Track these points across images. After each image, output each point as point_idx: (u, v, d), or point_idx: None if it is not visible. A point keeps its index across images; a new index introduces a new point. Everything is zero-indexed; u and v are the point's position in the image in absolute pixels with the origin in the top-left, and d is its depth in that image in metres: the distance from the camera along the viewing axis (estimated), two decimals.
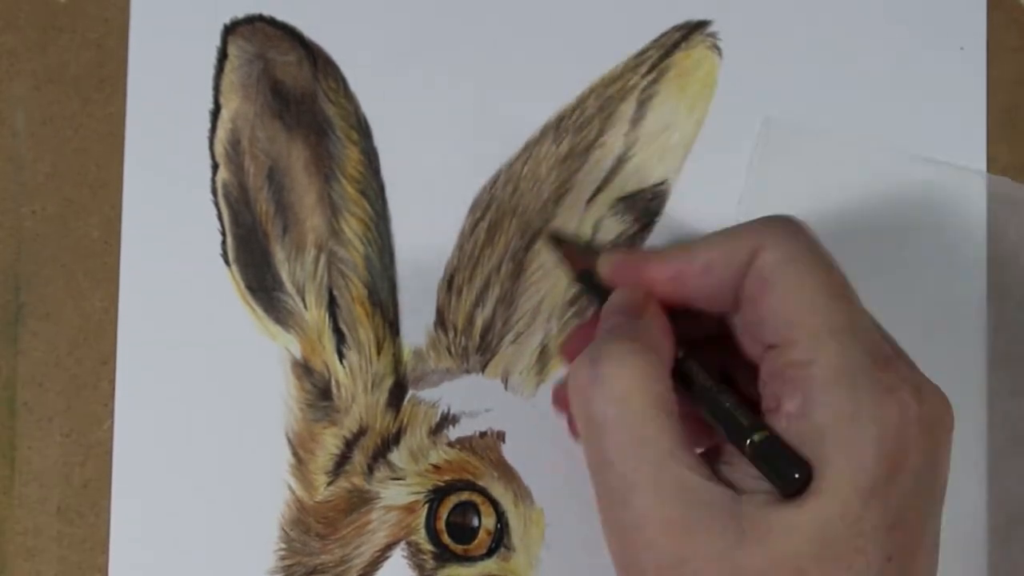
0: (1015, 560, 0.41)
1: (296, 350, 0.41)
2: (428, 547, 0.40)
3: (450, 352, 0.41)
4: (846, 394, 0.29)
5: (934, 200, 0.42)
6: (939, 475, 0.31)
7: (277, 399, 0.41)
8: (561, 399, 0.38)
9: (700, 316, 0.34)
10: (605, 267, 0.35)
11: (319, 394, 0.41)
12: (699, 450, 0.32)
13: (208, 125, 0.41)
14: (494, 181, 0.41)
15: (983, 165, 0.43)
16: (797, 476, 0.29)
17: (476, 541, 0.40)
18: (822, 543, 0.29)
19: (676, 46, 0.42)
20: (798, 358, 0.30)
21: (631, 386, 0.30)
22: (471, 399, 0.41)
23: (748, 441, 0.30)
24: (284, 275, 0.41)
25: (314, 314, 0.41)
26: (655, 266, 0.34)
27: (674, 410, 0.31)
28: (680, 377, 0.32)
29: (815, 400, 0.30)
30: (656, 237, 0.42)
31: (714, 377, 0.32)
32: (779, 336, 0.31)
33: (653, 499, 0.30)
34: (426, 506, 0.40)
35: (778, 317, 0.31)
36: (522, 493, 0.41)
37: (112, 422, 0.40)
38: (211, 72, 0.41)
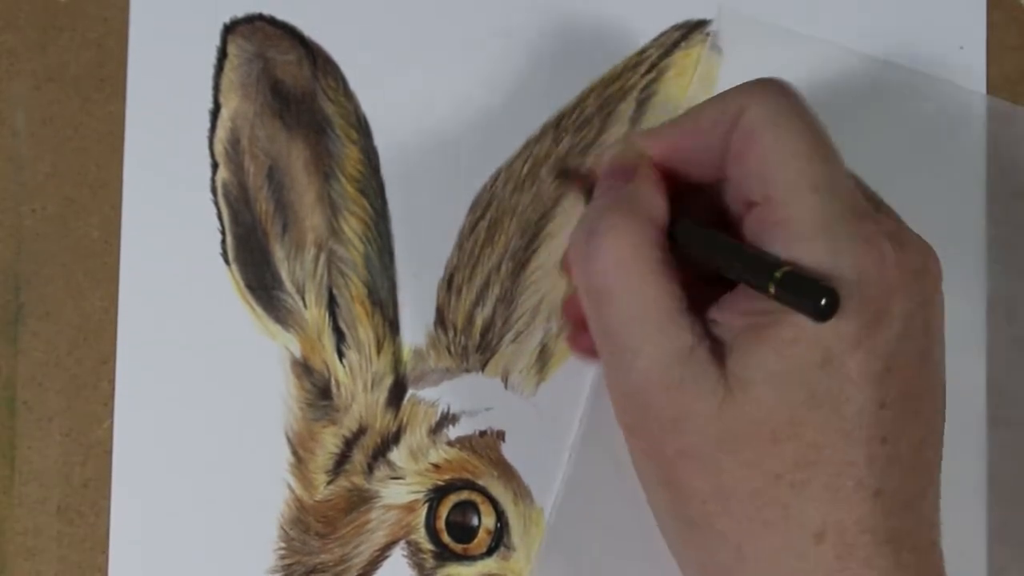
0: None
1: (296, 349, 0.41)
2: (428, 546, 0.40)
3: (450, 351, 0.41)
4: (824, 246, 0.30)
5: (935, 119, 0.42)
6: (931, 322, 0.31)
7: (277, 398, 0.41)
8: (568, 268, 0.39)
9: (699, 191, 0.34)
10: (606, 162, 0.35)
11: (319, 393, 0.41)
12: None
13: (208, 124, 0.41)
14: (494, 180, 0.41)
15: (982, 163, 0.43)
16: (825, 301, 0.28)
17: (476, 540, 0.40)
18: (806, 393, 0.29)
19: (676, 45, 0.42)
20: (777, 214, 0.31)
21: (627, 255, 0.31)
22: (471, 398, 0.41)
23: (771, 277, 0.29)
24: (284, 274, 0.41)
25: (314, 313, 0.41)
26: (650, 142, 0.34)
27: (671, 273, 0.31)
28: (684, 237, 0.32)
29: (794, 254, 0.30)
30: None
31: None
32: (759, 193, 0.31)
33: (654, 362, 0.30)
34: (426, 505, 0.40)
35: (759, 173, 0.31)
36: (522, 492, 0.40)
37: (112, 422, 0.40)
38: (211, 71, 0.41)
